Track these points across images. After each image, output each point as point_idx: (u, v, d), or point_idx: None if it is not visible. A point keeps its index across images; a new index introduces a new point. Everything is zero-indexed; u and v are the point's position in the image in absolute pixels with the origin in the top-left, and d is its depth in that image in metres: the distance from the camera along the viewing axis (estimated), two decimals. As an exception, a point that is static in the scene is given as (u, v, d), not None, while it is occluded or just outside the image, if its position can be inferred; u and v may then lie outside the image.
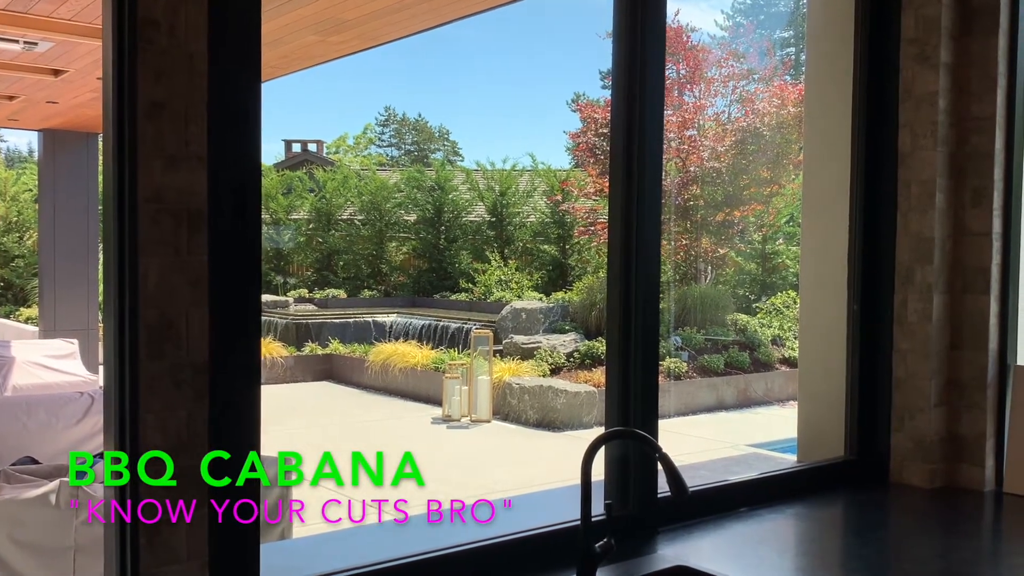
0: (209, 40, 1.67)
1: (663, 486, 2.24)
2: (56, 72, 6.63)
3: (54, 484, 3.32)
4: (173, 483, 1.65)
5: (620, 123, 2.37)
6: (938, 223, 2.83)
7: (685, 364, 11.82)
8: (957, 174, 2.87)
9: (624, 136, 2.37)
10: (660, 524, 2.39)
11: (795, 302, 14.33)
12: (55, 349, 7.70)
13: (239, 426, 1.73)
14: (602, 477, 2.39)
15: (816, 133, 3.16)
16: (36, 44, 5.69)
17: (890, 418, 2.92)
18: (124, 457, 1.63)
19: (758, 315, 14.29)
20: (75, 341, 8.04)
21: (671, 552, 2.20)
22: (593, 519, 1.99)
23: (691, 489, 2.01)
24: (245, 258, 1.73)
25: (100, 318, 10.56)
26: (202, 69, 1.67)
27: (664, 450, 1.96)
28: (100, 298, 10.53)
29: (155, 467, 1.64)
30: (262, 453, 3.93)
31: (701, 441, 9.51)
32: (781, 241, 16.06)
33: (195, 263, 1.67)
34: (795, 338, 13.33)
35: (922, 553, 2.30)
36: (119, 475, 1.64)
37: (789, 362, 12.85)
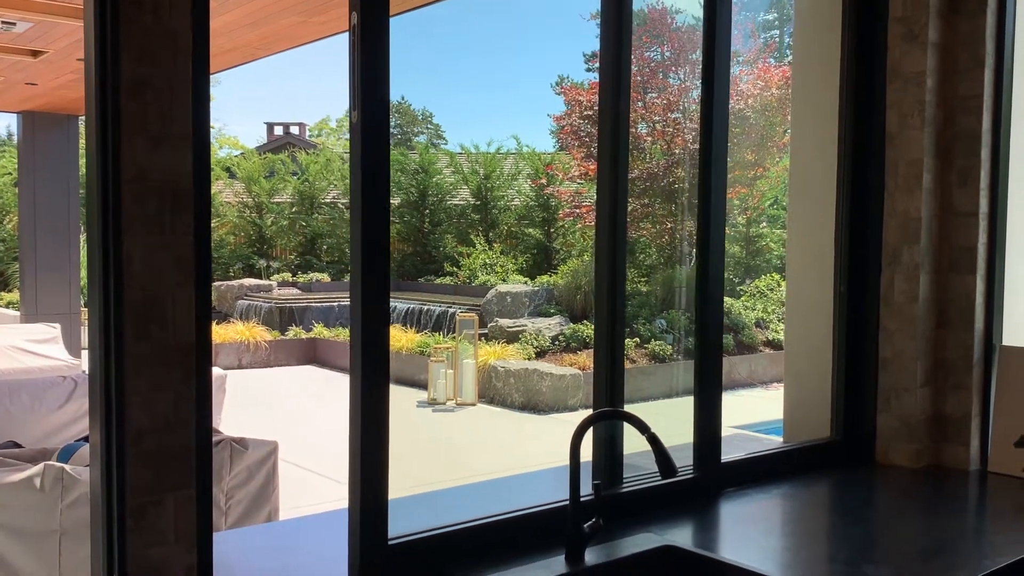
0: (193, 17, 1.65)
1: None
2: (35, 53, 6.53)
3: (38, 468, 3.29)
4: (160, 464, 1.64)
5: (607, 107, 2.36)
6: (925, 203, 2.83)
7: (670, 347, 11.86)
8: (944, 154, 2.87)
9: (611, 120, 2.36)
10: (652, 503, 2.40)
11: (779, 284, 14.39)
12: (37, 334, 7.62)
13: (378, 417, 1.84)
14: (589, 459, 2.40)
15: (803, 113, 3.16)
16: (14, 24, 5.60)
17: (876, 398, 2.94)
18: (110, 439, 1.62)
19: (742, 298, 14.34)
20: (57, 325, 7.96)
21: (659, 532, 2.21)
22: (581, 499, 1.99)
23: (680, 469, 2.02)
24: (378, 243, 1.84)
25: (82, 302, 10.47)
26: (186, 47, 1.64)
27: (653, 430, 1.97)
28: (82, 282, 10.43)
29: (141, 448, 1.62)
30: (245, 436, 3.91)
31: (687, 423, 9.56)
32: (765, 224, 16.11)
33: (181, 243, 1.65)
34: (779, 320, 13.41)
35: (908, 532, 2.32)
36: (106, 457, 1.63)
37: (773, 344, 12.92)
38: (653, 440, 1.95)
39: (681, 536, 2.19)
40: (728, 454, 2.75)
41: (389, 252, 1.88)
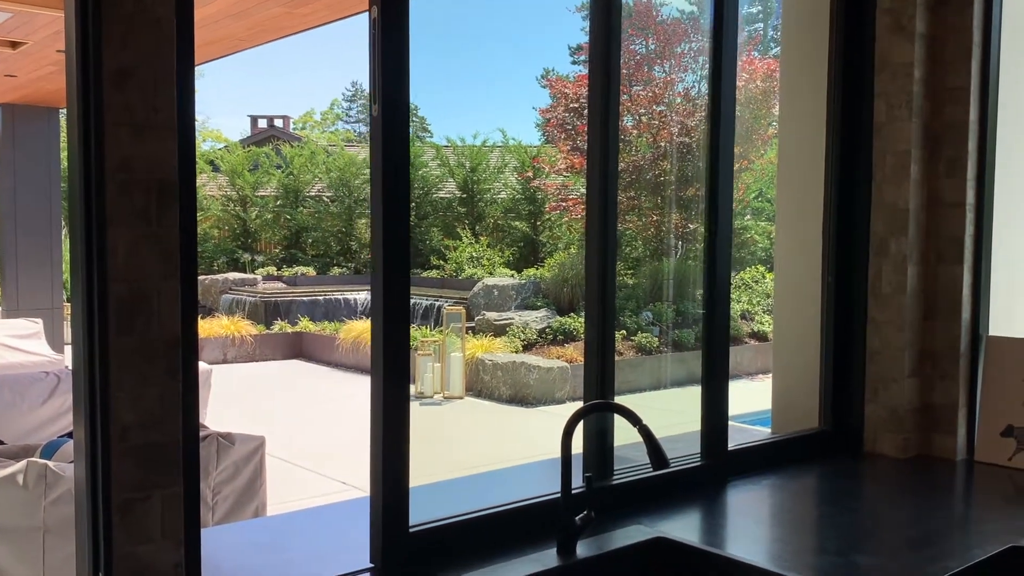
0: (176, 4, 1.62)
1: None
2: (14, 44, 6.45)
3: (21, 464, 3.25)
4: (146, 460, 1.62)
5: (597, 100, 2.34)
6: (913, 194, 2.84)
7: (656, 339, 11.88)
8: (932, 145, 2.88)
9: (601, 113, 2.35)
10: (638, 497, 2.39)
11: (764, 276, 14.44)
12: (19, 329, 7.54)
13: (399, 409, 1.89)
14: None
15: (791, 105, 3.15)
16: (-7, 15, 5.53)
17: (864, 389, 2.95)
18: (95, 435, 1.59)
19: (728, 290, 14.36)
20: (39, 320, 7.88)
21: (650, 523, 2.20)
22: (573, 492, 1.98)
23: (671, 460, 2.02)
24: (400, 238, 1.86)
25: (65, 297, 10.37)
26: (170, 34, 1.62)
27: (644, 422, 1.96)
28: (64, 276, 10.34)
29: (127, 443, 1.60)
30: (232, 431, 3.89)
31: (673, 414, 9.59)
32: (749, 216, 16.15)
33: (166, 235, 1.62)
34: (764, 312, 13.45)
35: (897, 521, 2.32)
36: (91, 453, 1.60)
37: (757, 336, 12.96)
38: (645, 432, 1.94)
39: (672, 527, 2.19)
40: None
41: (410, 247, 1.90)
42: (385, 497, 1.90)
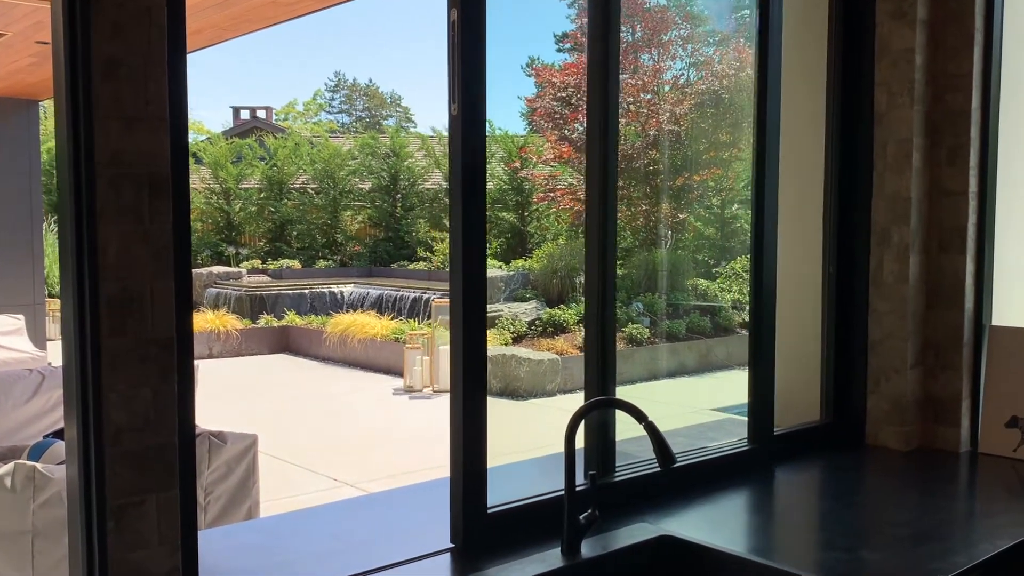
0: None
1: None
2: (-7, 36, 6.33)
3: (8, 467, 3.18)
4: (140, 464, 1.56)
5: (596, 90, 2.29)
6: (914, 183, 2.80)
7: (647, 330, 11.86)
8: (933, 133, 2.84)
9: (600, 104, 2.30)
10: (641, 494, 2.35)
11: (754, 266, 14.42)
12: (0, 325, 7.43)
13: (478, 397, 2.05)
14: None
15: (791, 93, 3.10)
16: (-29, 5, 5.41)
17: (866, 380, 2.92)
18: (87, 438, 1.54)
19: (718, 280, 14.38)
20: (21, 317, 7.77)
21: (654, 521, 2.16)
22: (577, 489, 1.94)
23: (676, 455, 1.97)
24: (477, 235, 1.97)
25: (47, 293, 10.24)
26: (161, 24, 1.56)
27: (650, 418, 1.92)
28: (46, 272, 10.20)
29: (120, 447, 1.54)
30: (221, 429, 3.82)
31: (665, 406, 9.58)
32: (737, 206, 16.15)
33: (159, 232, 1.56)
34: (755, 302, 13.44)
35: (901, 515, 2.29)
36: (83, 456, 1.54)
37: (748, 326, 12.97)
38: (650, 428, 1.90)
39: (675, 524, 2.15)
40: (718, 439, 2.72)
41: (487, 248, 1.95)
42: (466, 481, 1.98)
